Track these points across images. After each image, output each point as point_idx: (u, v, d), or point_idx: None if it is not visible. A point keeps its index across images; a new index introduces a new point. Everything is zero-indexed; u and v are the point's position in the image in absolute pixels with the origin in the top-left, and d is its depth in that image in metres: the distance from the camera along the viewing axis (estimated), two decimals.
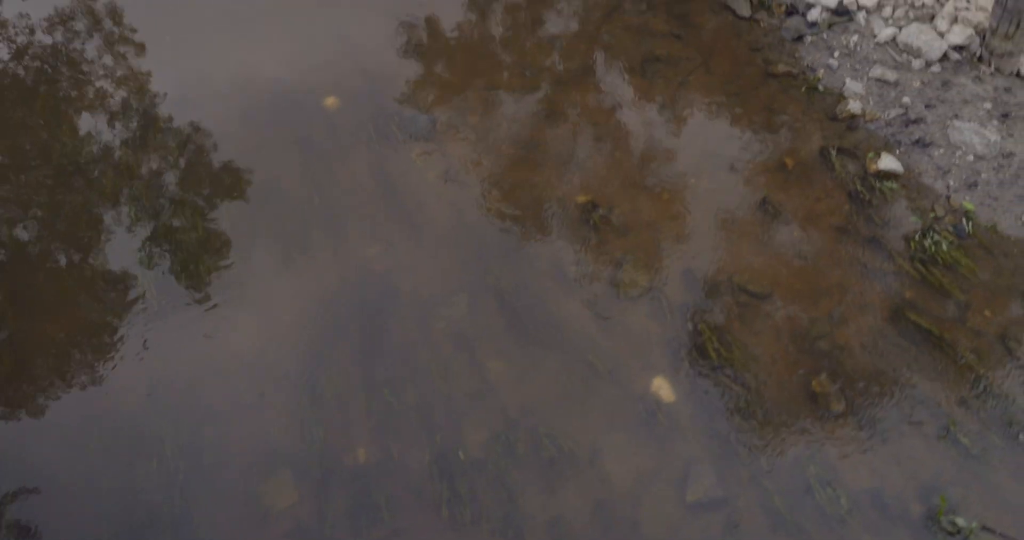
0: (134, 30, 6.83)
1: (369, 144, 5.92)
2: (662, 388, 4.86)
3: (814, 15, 6.38)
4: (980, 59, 6.00)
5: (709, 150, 5.86)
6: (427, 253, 5.41)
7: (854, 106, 5.91)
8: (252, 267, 5.35)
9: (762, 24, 6.48)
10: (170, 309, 5.14)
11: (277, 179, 5.78)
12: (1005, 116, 5.72)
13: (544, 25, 6.61)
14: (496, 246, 5.44)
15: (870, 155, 5.70)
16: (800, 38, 6.34)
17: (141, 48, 6.65)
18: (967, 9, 6.13)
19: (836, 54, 6.20)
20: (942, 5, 6.24)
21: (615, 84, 6.20)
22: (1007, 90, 5.85)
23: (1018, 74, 5.98)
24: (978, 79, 5.91)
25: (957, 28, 6.07)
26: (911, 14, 6.24)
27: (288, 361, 4.96)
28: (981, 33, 5.98)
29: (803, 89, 6.09)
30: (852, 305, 5.12)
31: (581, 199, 5.62)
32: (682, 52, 6.37)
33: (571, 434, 4.71)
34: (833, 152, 5.75)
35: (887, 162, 5.61)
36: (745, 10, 6.55)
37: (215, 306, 5.17)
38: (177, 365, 4.95)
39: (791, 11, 6.48)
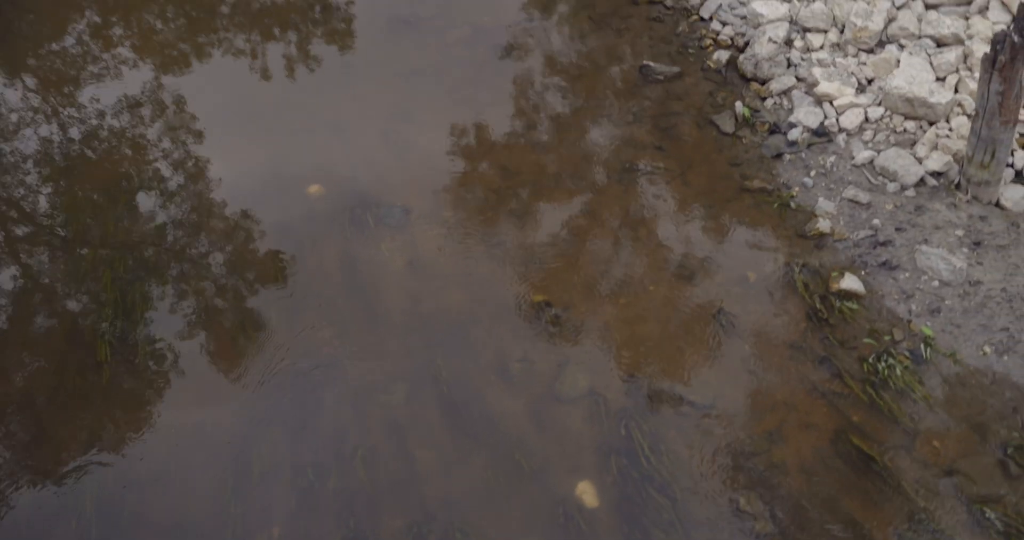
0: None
1: (342, 231, 6.25)
2: (586, 493, 4.85)
3: (795, 134, 6.59)
4: (958, 186, 6.08)
5: (673, 259, 6.00)
6: (377, 339, 5.61)
7: (824, 225, 6.01)
8: (200, 336, 5.63)
9: (744, 141, 6.71)
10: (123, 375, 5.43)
11: (245, 259, 6.12)
12: (977, 244, 5.74)
13: (527, 128, 6.98)
14: (445, 338, 5.61)
15: (834, 274, 5.76)
16: (779, 156, 6.54)
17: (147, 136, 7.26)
18: (948, 136, 6.26)
19: (812, 173, 6.36)
20: (924, 131, 6.38)
21: (589, 190, 6.46)
22: (982, 219, 5.88)
23: (997, 204, 6.01)
24: (953, 206, 5.97)
25: (936, 155, 6.19)
26: (891, 139, 6.40)
27: (221, 434, 5.14)
28: (960, 161, 6.07)
29: (776, 205, 6.24)
30: (795, 424, 5.07)
31: (537, 298, 5.79)
32: (662, 163, 6.62)
33: (486, 532, 4.71)
34: (797, 268, 5.83)
35: (850, 282, 5.65)
36: (729, 126, 6.81)
37: (157, 373, 5.44)
38: (116, 430, 5.19)
39: (774, 130, 6.71)
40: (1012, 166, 6.16)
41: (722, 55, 7.37)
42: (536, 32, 7.84)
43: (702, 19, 7.78)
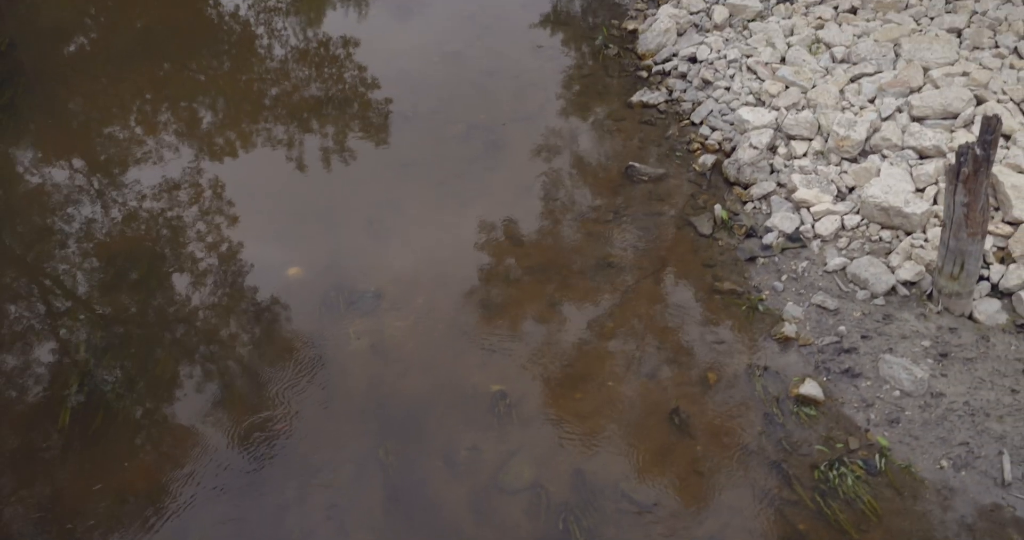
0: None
1: (313, 312, 6.51)
2: None
3: (770, 239, 6.75)
4: (929, 297, 6.13)
5: (635, 356, 6.11)
6: (331, 421, 5.78)
7: (789, 329, 6.09)
8: (159, 411, 5.86)
9: (720, 243, 6.89)
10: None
11: (213, 336, 6.40)
12: (943, 356, 5.75)
13: (507, 222, 7.26)
14: (398, 422, 5.75)
15: (795, 379, 5.79)
16: (753, 259, 6.69)
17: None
18: (922, 247, 6.37)
19: (784, 278, 6.48)
20: (899, 241, 6.50)
21: (561, 285, 6.66)
22: (952, 330, 5.90)
23: (970, 316, 6.04)
24: (923, 316, 6.01)
25: (909, 264, 6.28)
26: (866, 247, 6.52)
27: (161, 510, 5.29)
28: (932, 271, 6.15)
29: (744, 308, 6.35)
30: (738, 529, 5.04)
31: (494, 388, 5.92)
32: (636, 261, 6.82)
33: None
34: (758, 372, 5.88)
35: (809, 388, 5.68)
36: (707, 228, 7.01)
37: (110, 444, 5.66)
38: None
39: (750, 233, 6.88)
40: (988, 279, 6.21)
41: (708, 159, 7.65)
42: (529, 130, 8.24)
43: (693, 124, 8.11)
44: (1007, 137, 7.01)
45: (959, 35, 8.36)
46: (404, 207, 7.46)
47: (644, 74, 8.92)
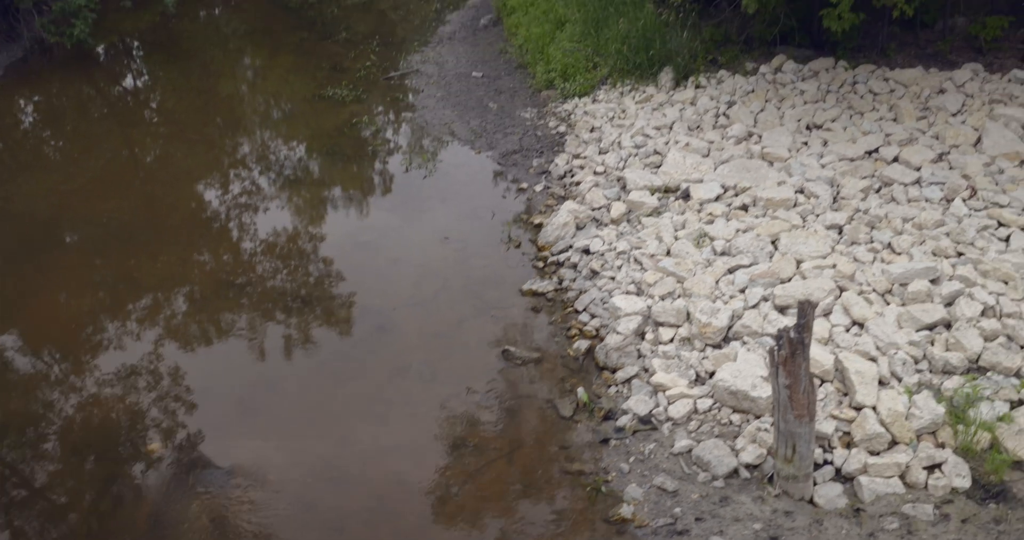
0: None
1: (163, 488, 6.77)
2: None
3: (624, 421, 7.06)
4: (771, 480, 6.32)
5: (474, 537, 6.25)
6: None
7: (626, 511, 6.26)
8: None
9: (579, 425, 7.20)
10: None
11: (66, 508, 6.65)
12: (773, 539, 5.85)
13: (377, 403, 7.63)
14: None
15: None
16: (606, 441, 6.96)
17: None
18: (767, 430, 6.63)
19: (631, 459, 6.73)
20: (748, 423, 6.78)
21: (412, 465, 6.92)
22: (787, 514, 6.05)
23: (811, 501, 6.19)
24: (760, 499, 6.18)
25: (752, 447, 6.53)
26: (715, 430, 6.79)
27: None
28: (772, 454, 6.38)
29: (589, 489, 6.54)
30: None
31: None
32: (493, 441, 7.11)
33: None
34: None
35: None
36: (568, 411, 7.34)
37: None
38: None
39: (608, 416, 7.21)
40: (831, 464, 6.41)
41: (583, 344, 8.11)
42: (419, 315, 8.81)
43: (576, 311, 8.65)
44: (860, 325, 7.46)
45: (840, 231, 9.03)
46: (279, 388, 7.87)
47: (540, 264, 9.60)
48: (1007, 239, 8.58)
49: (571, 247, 9.70)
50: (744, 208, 9.77)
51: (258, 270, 9.92)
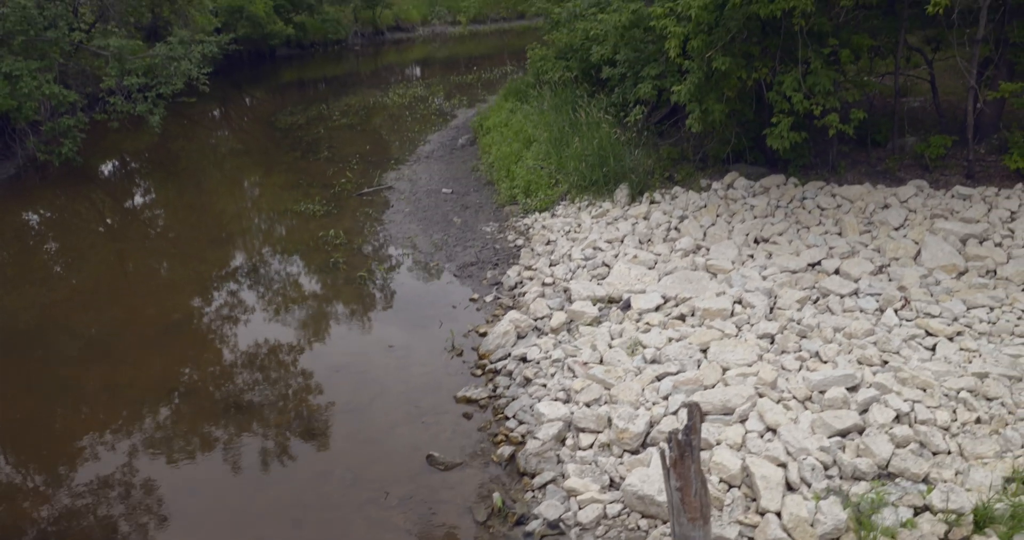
0: None
1: None
2: None
3: (533, 526, 7.15)
4: None
5: None
6: None
7: None
8: None
9: (492, 530, 7.28)
10: None
11: None
12: None
13: (298, 508, 7.75)
14: None
15: None
16: None
17: None
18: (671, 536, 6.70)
19: None
20: (655, 527, 6.86)
21: None
22: None
23: None
24: None
25: None
26: (623, 535, 6.88)
27: None
28: None
29: None
30: None
31: None
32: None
33: None
34: None
35: None
36: (481, 516, 7.44)
37: None
38: None
39: (520, 521, 7.29)
40: None
41: (507, 450, 8.27)
42: (352, 421, 9.01)
43: (506, 417, 8.84)
44: (773, 431, 7.62)
45: (772, 340, 9.29)
46: (201, 492, 8.02)
47: (479, 372, 9.85)
48: (933, 348, 8.81)
49: (509, 355, 9.96)
50: (682, 318, 10.07)
51: (200, 376, 10.20)
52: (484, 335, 10.67)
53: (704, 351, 9.12)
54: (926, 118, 14.58)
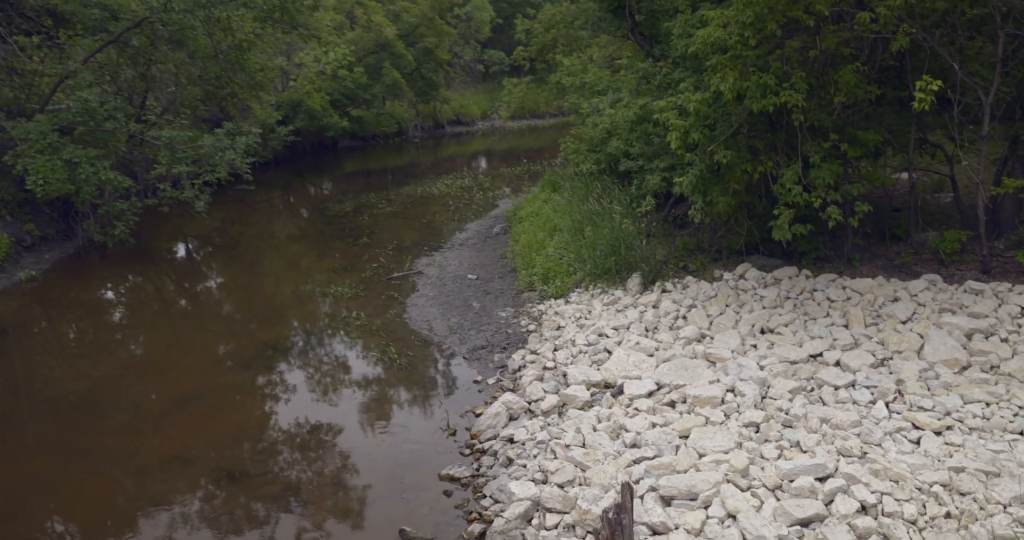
0: None
1: None
2: None
3: None
4: None
5: None
6: None
7: None
8: None
9: None
10: None
11: None
12: None
13: None
14: None
15: None
16: None
17: None
18: None
19: None
20: None
21: None
22: None
23: None
24: None
25: None
26: None
27: None
28: None
29: None
30: None
31: None
32: None
33: None
34: None
35: None
36: None
37: None
38: None
39: None
40: None
41: (477, 528, 8.44)
42: (336, 498, 9.29)
43: (483, 496, 9.02)
44: (733, 517, 7.66)
45: (757, 429, 9.36)
46: None
47: (467, 451, 10.08)
48: (918, 441, 8.77)
49: (497, 436, 10.19)
50: (672, 405, 10.20)
51: (202, 446, 10.64)
52: (479, 415, 10.92)
53: (684, 437, 9.22)
54: (952, 212, 14.63)
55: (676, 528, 7.61)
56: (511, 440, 10.03)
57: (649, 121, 13.08)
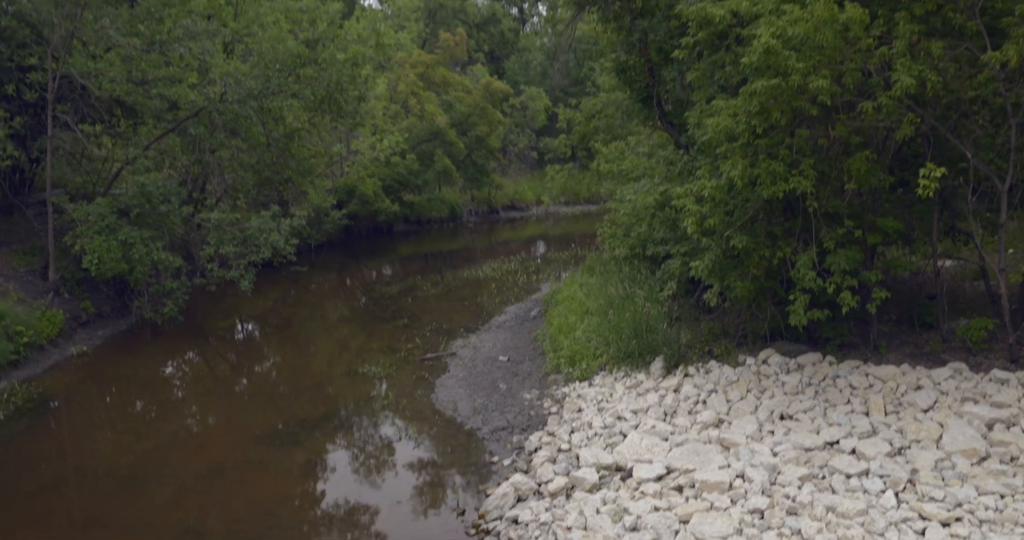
0: None
1: None
2: None
3: None
4: None
5: None
6: None
7: None
8: None
9: None
10: None
11: None
12: None
13: None
14: None
15: None
16: None
17: None
18: None
19: None
20: None
21: None
22: None
23: None
24: None
25: None
26: None
27: None
28: None
29: None
30: None
31: None
32: None
33: None
34: None
35: None
36: None
37: None
38: None
39: None
40: None
41: None
42: None
43: None
44: None
45: (761, 516, 9.32)
46: None
47: (473, 531, 10.20)
48: (923, 532, 8.65)
49: (503, 517, 10.28)
50: (679, 489, 10.21)
51: (215, 521, 10.94)
52: (488, 495, 11.04)
53: (685, 522, 9.22)
54: (986, 300, 14.48)
55: None
56: (515, 521, 10.11)
57: (670, 207, 13.39)
